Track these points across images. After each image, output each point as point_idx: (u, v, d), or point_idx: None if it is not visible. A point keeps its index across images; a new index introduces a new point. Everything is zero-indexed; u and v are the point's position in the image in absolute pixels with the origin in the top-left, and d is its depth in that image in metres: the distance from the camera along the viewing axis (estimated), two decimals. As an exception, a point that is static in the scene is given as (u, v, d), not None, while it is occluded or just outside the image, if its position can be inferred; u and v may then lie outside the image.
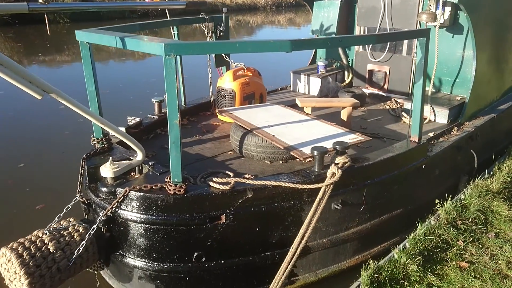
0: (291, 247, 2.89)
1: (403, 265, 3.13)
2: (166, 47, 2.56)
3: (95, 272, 3.53)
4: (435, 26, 4.67)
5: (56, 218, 3.19)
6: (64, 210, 3.24)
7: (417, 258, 3.18)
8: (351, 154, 3.88)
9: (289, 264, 2.80)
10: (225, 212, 2.99)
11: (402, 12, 5.41)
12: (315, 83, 6.02)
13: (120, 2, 4.13)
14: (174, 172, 2.88)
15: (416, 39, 3.43)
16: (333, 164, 3.18)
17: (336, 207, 3.30)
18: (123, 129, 4.03)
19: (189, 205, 2.93)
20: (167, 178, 2.98)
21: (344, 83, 6.32)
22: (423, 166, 3.87)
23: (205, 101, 5.32)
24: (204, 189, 2.97)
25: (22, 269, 2.71)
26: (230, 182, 3.00)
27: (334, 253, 3.56)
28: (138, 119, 4.34)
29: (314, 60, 6.72)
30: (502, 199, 4.14)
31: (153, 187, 2.97)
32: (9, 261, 2.77)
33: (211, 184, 3.00)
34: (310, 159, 3.47)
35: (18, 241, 2.88)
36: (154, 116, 4.62)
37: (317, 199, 3.00)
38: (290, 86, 6.41)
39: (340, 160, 3.22)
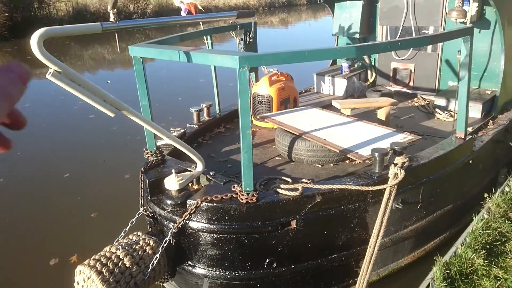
0: (368, 246, 2.94)
1: (470, 260, 3.20)
2: (240, 60, 2.59)
3: (161, 284, 3.55)
4: (464, 23, 4.75)
5: (122, 233, 3.23)
6: (129, 224, 3.27)
7: (481, 252, 3.25)
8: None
9: (369, 263, 2.86)
10: (295, 217, 3.03)
11: (426, 10, 5.50)
12: (341, 84, 6.08)
13: (180, 17, 4.16)
14: (246, 181, 2.92)
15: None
16: (393, 165, 3.24)
17: (398, 206, 3.36)
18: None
19: (262, 213, 2.96)
20: (234, 187, 3.02)
21: (368, 82, 6.39)
22: (470, 162, 3.94)
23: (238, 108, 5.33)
24: (275, 196, 3.01)
25: (104, 286, 2.73)
26: (299, 188, 3.04)
27: (394, 252, 3.62)
28: (181, 130, 4.37)
29: (335, 61, 6.79)
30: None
31: (223, 197, 3.00)
32: (89, 278, 2.79)
33: (280, 191, 3.04)
34: (361, 160, 3.53)
35: (93, 257, 2.90)
36: (194, 126, 4.65)
37: (384, 199, 3.05)
38: (313, 88, 6.46)
39: (399, 160, 3.27)
